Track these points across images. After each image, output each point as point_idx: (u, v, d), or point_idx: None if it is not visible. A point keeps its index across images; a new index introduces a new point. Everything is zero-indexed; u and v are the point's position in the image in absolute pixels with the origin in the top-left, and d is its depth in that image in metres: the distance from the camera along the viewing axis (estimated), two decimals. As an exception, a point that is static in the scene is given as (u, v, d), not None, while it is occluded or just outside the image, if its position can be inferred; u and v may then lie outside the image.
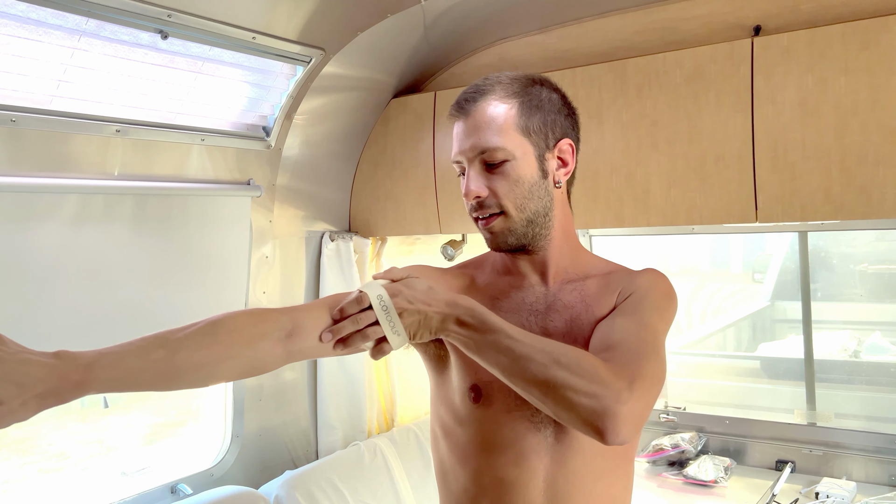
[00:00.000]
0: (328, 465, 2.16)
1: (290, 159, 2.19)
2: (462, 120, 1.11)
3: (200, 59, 1.77)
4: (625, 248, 3.08)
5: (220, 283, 2.02)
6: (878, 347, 3.06)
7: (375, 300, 0.96)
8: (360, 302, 0.97)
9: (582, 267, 1.19)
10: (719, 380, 3.22)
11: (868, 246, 3.18)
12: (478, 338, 0.97)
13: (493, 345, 0.96)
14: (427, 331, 0.98)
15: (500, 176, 1.08)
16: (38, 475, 2.73)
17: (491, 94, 1.09)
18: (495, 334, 0.96)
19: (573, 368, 0.92)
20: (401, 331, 0.97)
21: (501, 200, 1.09)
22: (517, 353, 0.95)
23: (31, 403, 0.77)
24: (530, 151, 1.09)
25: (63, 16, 1.45)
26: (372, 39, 2.03)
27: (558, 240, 1.16)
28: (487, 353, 0.97)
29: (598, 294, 1.14)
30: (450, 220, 2.27)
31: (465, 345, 0.99)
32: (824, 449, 2.35)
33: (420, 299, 0.98)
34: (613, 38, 2.05)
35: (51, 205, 1.60)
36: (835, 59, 1.66)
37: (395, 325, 0.97)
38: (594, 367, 0.93)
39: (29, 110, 1.52)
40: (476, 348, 0.98)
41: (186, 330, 0.91)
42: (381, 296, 0.97)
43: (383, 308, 0.96)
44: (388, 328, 0.97)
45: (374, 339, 0.98)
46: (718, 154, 1.81)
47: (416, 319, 0.97)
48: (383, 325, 0.97)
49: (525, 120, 1.09)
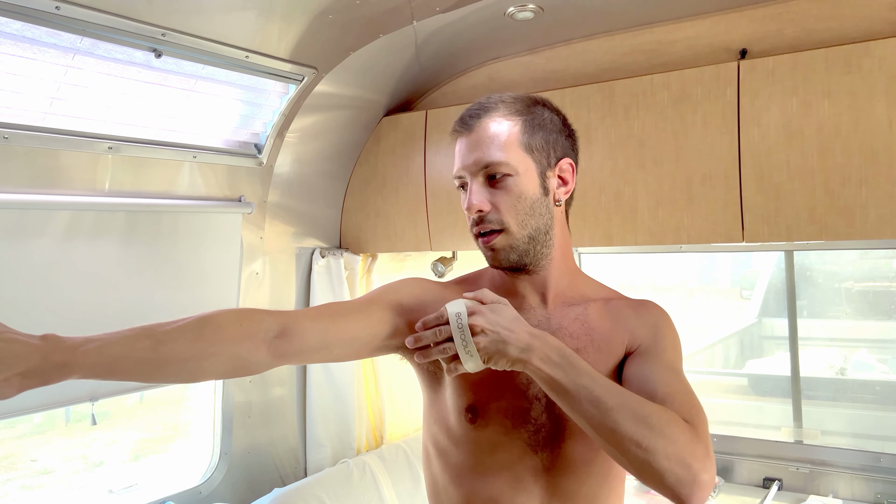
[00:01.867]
0: (317, 482, 2.15)
1: (282, 176, 2.20)
2: (465, 136, 1.11)
3: (193, 77, 1.78)
4: (614, 265, 3.11)
5: (211, 298, 2.01)
6: (863, 365, 3.10)
7: (453, 316, 0.97)
8: (439, 317, 0.99)
9: (579, 289, 1.18)
10: (707, 397, 3.23)
11: (853, 264, 3.22)
12: (564, 379, 0.95)
13: (581, 391, 0.94)
14: (504, 359, 0.97)
15: (503, 191, 1.08)
16: (20, 492, 2.70)
17: (495, 112, 1.11)
18: (583, 379, 0.95)
19: (664, 432, 0.91)
20: (474, 351, 0.96)
21: (503, 216, 1.08)
22: (607, 405, 0.93)
23: (14, 381, 0.80)
24: (532, 168, 1.10)
25: (58, 34, 1.46)
26: (364, 59, 2.05)
27: (558, 260, 1.15)
28: (573, 399, 0.95)
29: (602, 328, 1.14)
30: (440, 237, 2.29)
31: (549, 384, 0.97)
32: (811, 467, 2.36)
33: (503, 325, 0.97)
34: (601, 60, 2.09)
35: (41, 221, 1.60)
36: (818, 83, 1.69)
37: (468, 344, 0.96)
38: (683, 434, 0.92)
39: (21, 127, 1.53)
40: (561, 391, 0.96)
41: (175, 323, 0.93)
42: (459, 313, 0.97)
43: (459, 326, 0.97)
44: (461, 346, 0.97)
45: (446, 355, 0.98)
46: (705, 174, 1.84)
47: (491, 342, 0.96)
48: (456, 342, 0.97)
49: (528, 137, 1.10)
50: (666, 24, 1.98)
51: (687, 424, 0.94)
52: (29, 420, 3.14)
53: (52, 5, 1.37)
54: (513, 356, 0.96)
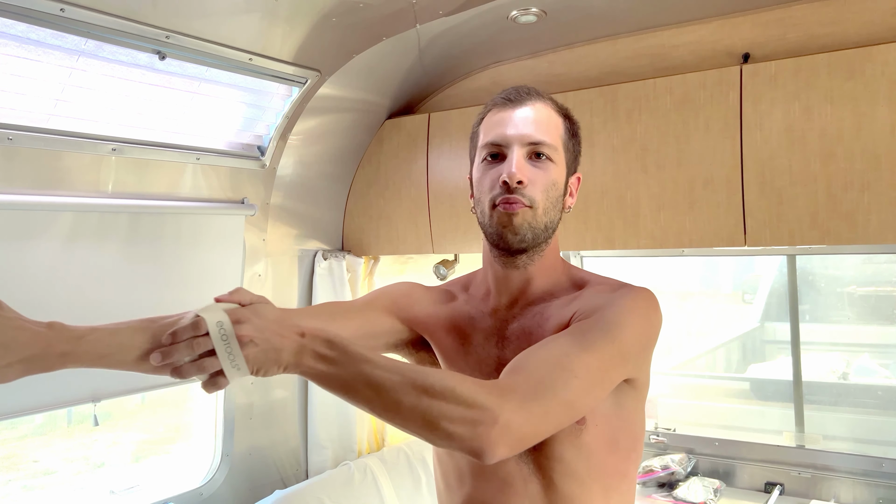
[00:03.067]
0: (318, 484, 2.15)
1: (285, 179, 2.21)
2: (516, 108, 1.11)
3: (197, 79, 1.79)
4: (616, 269, 3.11)
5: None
6: (866, 370, 3.09)
7: (214, 326, 0.84)
8: (195, 327, 0.84)
9: (560, 285, 1.16)
10: (709, 401, 3.23)
11: (856, 269, 3.22)
12: (340, 372, 0.88)
13: (357, 378, 0.88)
14: (276, 365, 0.87)
15: (543, 171, 1.09)
16: (21, 492, 2.70)
17: (547, 101, 1.14)
18: (359, 366, 0.88)
19: (446, 395, 0.87)
20: (241, 364, 0.84)
21: (536, 194, 1.08)
22: (385, 385, 0.87)
23: (16, 367, 0.81)
24: (564, 166, 1.13)
25: (62, 36, 1.46)
26: (367, 62, 2.05)
27: (547, 259, 1.15)
28: (352, 388, 0.88)
29: (555, 315, 1.11)
30: (442, 239, 2.29)
31: (327, 380, 0.89)
32: (813, 471, 2.35)
33: (271, 329, 0.87)
34: (604, 64, 2.09)
35: (45, 222, 1.60)
36: (821, 88, 1.70)
37: (234, 356, 0.84)
38: (470, 392, 0.88)
39: (26, 128, 1.53)
40: (339, 384, 0.89)
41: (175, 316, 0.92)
42: (221, 322, 0.84)
43: (223, 337, 0.84)
44: (227, 359, 0.84)
45: (208, 371, 0.85)
46: (707, 178, 1.84)
47: (261, 351, 0.85)
48: (220, 355, 0.84)
49: (567, 139, 1.14)
50: (669, 29, 1.98)
51: (483, 385, 0.90)
52: (31, 421, 3.14)
53: (56, 7, 1.38)
54: (285, 362, 0.87)
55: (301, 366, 0.88)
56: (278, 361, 0.87)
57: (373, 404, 0.88)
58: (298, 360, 0.87)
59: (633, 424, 1.14)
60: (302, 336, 0.88)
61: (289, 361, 0.87)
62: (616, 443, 1.11)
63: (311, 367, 0.88)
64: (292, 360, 0.87)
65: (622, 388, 1.08)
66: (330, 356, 0.88)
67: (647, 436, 2.67)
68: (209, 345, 0.84)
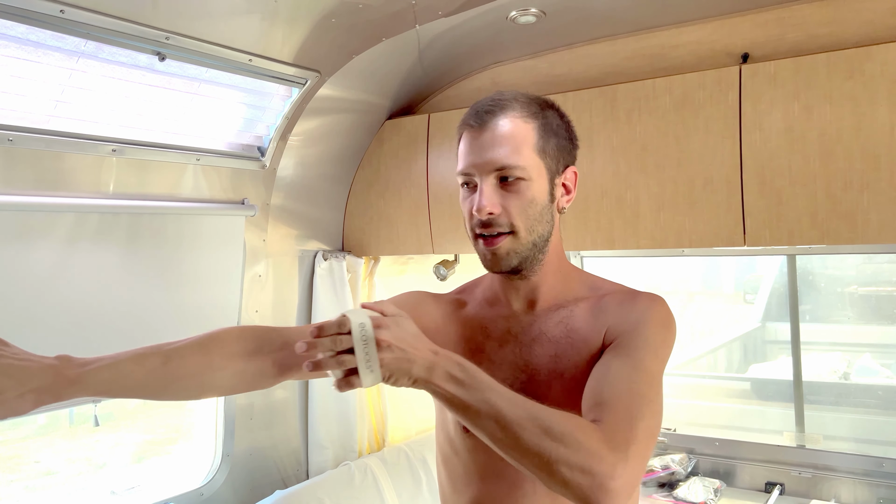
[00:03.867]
0: (318, 485, 2.15)
1: (285, 179, 2.21)
2: (478, 132, 1.07)
3: (197, 80, 1.79)
4: (617, 269, 3.11)
5: (213, 301, 2.02)
6: (867, 370, 3.09)
7: (357, 327, 0.88)
8: (340, 325, 0.88)
9: (572, 291, 1.15)
10: (710, 401, 3.23)
11: (857, 269, 3.21)
12: (466, 395, 0.90)
13: (482, 405, 0.89)
14: (406, 377, 0.90)
15: (515, 195, 1.05)
16: (24, 493, 2.71)
17: (511, 111, 1.06)
18: (485, 393, 0.89)
19: (567, 441, 0.87)
20: (375, 367, 0.88)
21: (514, 220, 1.05)
22: (508, 419, 0.88)
23: (29, 397, 0.83)
24: (544, 174, 1.07)
25: (62, 38, 1.47)
26: (367, 62, 2.06)
27: (551, 264, 1.13)
28: (476, 414, 0.90)
29: (583, 326, 1.10)
30: (442, 240, 2.29)
31: (454, 402, 0.91)
32: (813, 471, 2.36)
33: (408, 341, 0.90)
34: (604, 64, 2.09)
35: (46, 223, 1.61)
36: (820, 88, 1.70)
37: (370, 359, 0.88)
38: (588, 440, 0.88)
39: (26, 130, 1.54)
40: (463, 408, 0.90)
41: (182, 341, 0.96)
42: (363, 324, 0.88)
43: (363, 338, 0.88)
44: (363, 360, 0.88)
45: (345, 367, 0.88)
46: (707, 178, 1.84)
47: (396, 359, 0.88)
48: (358, 355, 0.88)
49: (543, 142, 1.07)
50: (668, 29, 1.98)
51: (596, 431, 0.91)
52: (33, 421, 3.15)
53: (56, 9, 1.38)
54: (416, 375, 0.89)
55: (431, 383, 0.90)
56: (409, 373, 0.89)
57: (493, 435, 0.90)
58: (429, 376, 0.90)
59: None
60: (436, 354, 0.91)
61: (419, 375, 0.89)
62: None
63: (440, 385, 0.90)
64: (423, 374, 0.89)
65: None
66: (459, 378, 0.90)
67: (647, 436, 2.67)
68: (350, 343, 0.87)
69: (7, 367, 0.81)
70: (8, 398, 0.80)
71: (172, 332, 1.86)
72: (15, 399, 0.81)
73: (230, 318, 2.08)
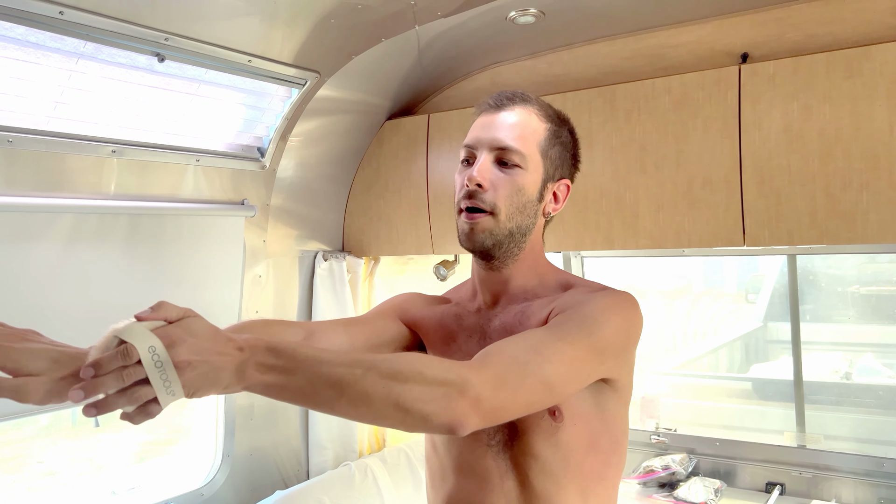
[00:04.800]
0: (319, 485, 2.16)
1: (285, 180, 2.21)
2: (494, 112, 1.13)
3: (196, 81, 1.79)
4: (618, 269, 3.11)
5: (214, 302, 2.03)
6: (869, 369, 3.08)
7: (146, 353, 0.74)
8: (125, 356, 0.74)
9: (547, 289, 1.17)
10: (711, 401, 3.23)
11: (858, 268, 3.21)
12: (292, 379, 0.81)
13: (315, 381, 0.82)
14: (215, 386, 0.78)
15: (508, 177, 1.10)
16: (26, 493, 2.71)
17: (531, 106, 1.14)
18: (313, 367, 0.82)
19: (416, 378, 0.85)
20: (178, 389, 0.75)
21: (498, 201, 1.10)
22: (348, 381, 0.82)
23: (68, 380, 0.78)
24: (540, 172, 1.13)
25: (62, 39, 1.47)
26: (366, 63, 2.06)
27: (525, 262, 1.17)
28: (311, 393, 0.83)
29: (537, 314, 1.12)
30: (442, 240, 2.29)
31: (280, 390, 0.82)
32: (814, 471, 2.35)
33: (208, 349, 0.78)
34: (603, 64, 2.09)
35: (46, 224, 1.61)
36: (819, 87, 1.69)
37: (170, 382, 0.74)
38: (440, 370, 0.87)
39: (26, 131, 1.54)
40: (294, 392, 0.83)
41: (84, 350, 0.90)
42: (153, 347, 0.74)
43: (156, 363, 0.74)
44: (162, 387, 0.74)
45: (143, 400, 0.75)
46: (706, 178, 1.84)
47: (201, 374, 0.77)
48: (155, 383, 0.74)
49: (548, 146, 1.14)
50: (667, 29, 1.98)
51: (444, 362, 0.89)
52: (35, 422, 3.16)
53: (55, 10, 1.39)
54: (226, 380, 0.79)
55: (245, 381, 0.80)
56: (217, 381, 0.78)
57: (338, 404, 0.83)
58: (241, 377, 0.79)
59: (614, 427, 1.14)
60: (241, 350, 0.80)
61: (230, 381, 0.79)
62: (595, 444, 1.11)
63: (257, 380, 0.80)
64: (234, 378, 0.79)
65: (602, 389, 1.09)
66: (277, 365, 0.81)
67: (647, 436, 2.67)
68: (142, 373, 0.74)
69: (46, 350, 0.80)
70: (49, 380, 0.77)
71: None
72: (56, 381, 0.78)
73: (230, 319, 2.08)
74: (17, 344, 0.79)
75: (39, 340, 0.83)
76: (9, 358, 0.77)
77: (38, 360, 0.78)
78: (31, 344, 0.81)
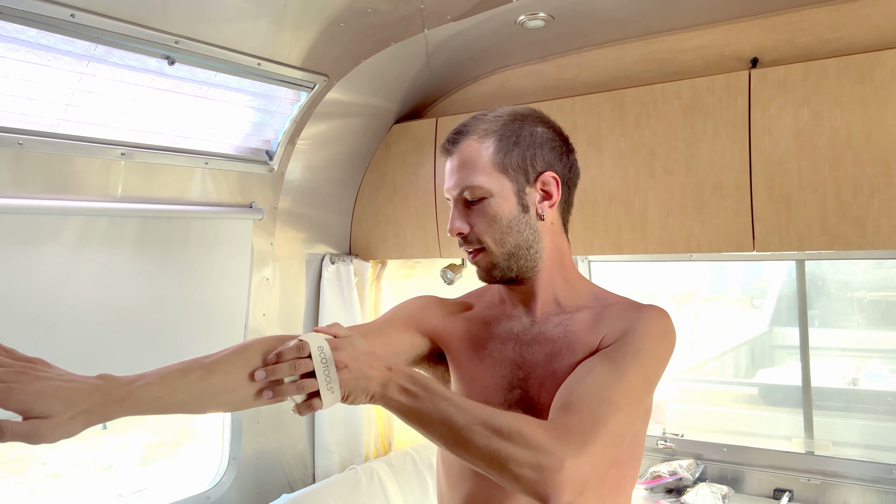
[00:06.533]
0: (325, 489, 2.15)
1: (293, 183, 2.21)
2: (448, 158, 1.15)
3: (206, 84, 1.79)
4: (624, 273, 3.10)
5: (221, 304, 2.03)
6: (876, 375, 3.06)
7: (316, 350, 0.93)
8: (299, 349, 0.94)
9: (576, 298, 1.18)
10: (718, 406, 3.22)
11: (866, 274, 3.19)
12: (419, 406, 0.95)
13: (434, 414, 0.94)
14: (364, 394, 0.96)
15: (479, 213, 1.11)
16: (31, 495, 2.71)
17: (471, 134, 1.13)
18: (437, 402, 0.94)
19: (515, 439, 0.91)
20: (336, 388, 0.93)
21: (481, 236, 1.12)
22: (458, 423, 0.93)
23: (79, 419, 0.83)
24: (508, 188, 1.11)
25: (72, 42, 1.47)
26: (375, 67, 2.06)
27: (547, 270, 1.16)
28: (429, 423, 0.95)
29: (583, 330, 1.13)
30: (450, 244, 2.29)
31: (407, 413, 0.96)
32: (822, 478, 2.34)
33: (363, 359, 0.96)
34: (612, 69, 2.09)
35: (54, 227, 1.61)
36: (830, 92, 1.69)
37: (331, 380, 0.92)
38: (536, 437, 0.92)
39: (36, 133, 1.54)
40: (417, 417, 0.96)
41: (219, 354, 0.97)
42: (322, 347, 0.93)
43: (322, 360, 0.92)
44: (324, 382, 0.92)
45: (308, 391, 0.94)
46: (716, 183, 1.83)
47: (354, 378, 0.94)
48: (319, 377, 0.92)
49: (502, 157, 1.11)
50: (677, 33, 1.98)
51: (547, 429, 0.94)
52: (40, 423, 3.14)
53: (66, 13, 1.39)
54: (373, 391, 0.96)
55: (386, 397, 0.96)
56: (367, 390, 0.95)
57: (445, 440, 0.95)
58: (384, 391, 0.95)
59: (635, 441, 1.15)
60: (389, 370, 0.96)
61: (376, 391, 0.95)
62: (617, 458, 1.10)
63: (395, 399, 0.95)
64: (379, 390, 0.95)
65: None
66: (413, 391, 0.95)
67: (654, 441, 2.66)
68: (310, 366, 0.93)
69: (57, 389, 0.81)
70: (60, 421, 0.81)
71: (181, 334, 1.88)
72: (67, 421, 0.81)
73: (237, 322, 2.08)
74: (27, 384, 0.80)
75: (48, 374, 0.83)
76: (19, 401, 0.79)
77: (49, 403, 0.80)
78: (40, 384, 0.81)
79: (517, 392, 1.12)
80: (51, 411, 0.80)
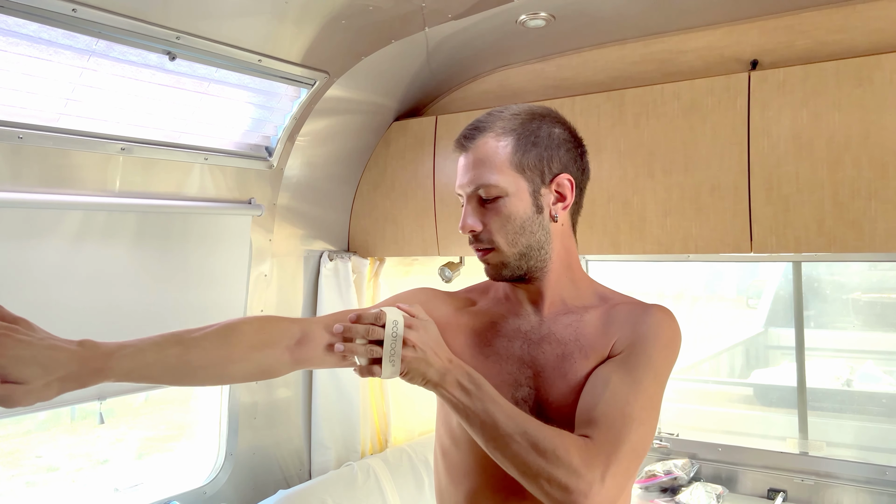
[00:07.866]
0: (321, 485, 2.16)
1: (292, 179, 2.21)
2: (463, 154, 1.14)
3: (206, 80, 1.79)
4: (621, 273, 3.10)
5: (219, 299, 2.03)
6: (870, 377, 3.08)
7: (391, 323, 0.99)
8: (377, 318, 1.00)
9: (581, 298, 1.18)
10: (713, 406, 3.23)
11: (861, 275, 3.21)
12: (470, 403, 1.00)
13: (482, 413, 0.99)
14: (421, 378, 1.01)
15: (494, 212, 1.11)
16: (25, 488, 2.71)
17: (489, 131, 1.11)
18: (486, 403, 0.99)
19: (550, 457, 0.95)
20: (397, 362, 0.99)
21: (493, 236, 1.11)
22: (502, 429, 0.98)
23: (54, 385, 0.84)
24: (524, 188, 1.10)
25: (74, 36, 1.47)
26: (375, 64, 2.06)
27: (556, 271, 1.16)
28: (476, 421, 1.00)
29: (593, 333, 1.13)
30: (448, 242, 2.29)
31: (456, 407, 1.01)
32: (816, 478, 2.35)
33: (430, 345, 1.01)
34: (612, 69, 2.09)
35: (53, 221, 1.61)
36: (829, 95, 1.70)
37: (395, 354, 0.98)
38: (569, 458, 0.95)
39: (36, 127, 1.54)
40: (465, 413, 1.00)
41: (202, 330, 1.00)
42: (396, 321, 0.99)
43: (393, 334, 0.99)
44: (388, 353, 0.98)
45: (371, 357, 0.99)
46: (714, 185, 1.84)
47: (417, 359, 0.99)
48: (385, 348, 0.98)
49: (520, 157, 1.10)
50: (677, 34, 1.98)
51: (580, 451, 0.97)
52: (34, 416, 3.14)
53: (68, 7, 1.39)
54: (430, 377, 1.00)
55: (440, 387, 1.01)
56: (425, 374, 1.00)
57: (486, 440, 1.00)
58: (441, 380, 1.00)
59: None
60: (450, 362, 1.02)
61: (433, 378, 1.00)
62: None
63: (449, 391, 1.00)
64: (436, 378, 1.00)
65: None
66: (467, 387, 1.00)
67: (650, 440, 2.67)
68: (381, 335, 0.99)
69: (34, 355, 0.82)
70: (36, 387, 0.82)
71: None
72: (42, 388, 0.83)
73: (235, 317, 2.08)
74: (7, 349, 0.81)
75: (29, 338, 0.84)
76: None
77: (26, 368, 0.81)
78: (20, 349, 0.82)
79: (525, 390, 1.13)
80: (27, 377, 0.81)
